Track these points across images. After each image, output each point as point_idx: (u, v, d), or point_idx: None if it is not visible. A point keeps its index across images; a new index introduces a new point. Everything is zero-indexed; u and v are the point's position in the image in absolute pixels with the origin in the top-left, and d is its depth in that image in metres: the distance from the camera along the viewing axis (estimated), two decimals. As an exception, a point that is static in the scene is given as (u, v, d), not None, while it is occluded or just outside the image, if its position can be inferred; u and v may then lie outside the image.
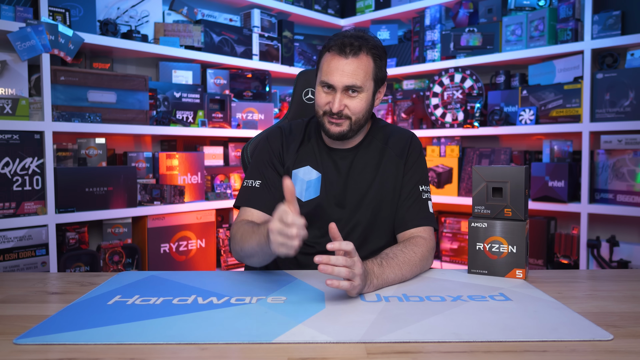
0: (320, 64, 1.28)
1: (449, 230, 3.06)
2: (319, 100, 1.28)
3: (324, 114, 1.28)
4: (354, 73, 1.23)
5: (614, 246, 2.42)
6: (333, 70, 1.23)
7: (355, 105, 1.26)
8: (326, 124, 1.28)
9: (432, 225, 1.33)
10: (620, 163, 2.41)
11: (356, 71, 1.23)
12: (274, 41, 3.09)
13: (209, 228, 2.70)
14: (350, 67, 1.23)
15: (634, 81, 2.34)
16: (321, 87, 1.27)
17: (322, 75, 1.26)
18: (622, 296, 1.08)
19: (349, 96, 1.25)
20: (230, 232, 1.29)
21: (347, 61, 1.23)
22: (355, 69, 1.23)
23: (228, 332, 0.86)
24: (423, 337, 0.84)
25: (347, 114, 1.26)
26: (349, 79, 1.23)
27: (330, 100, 1.25)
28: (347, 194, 1.34)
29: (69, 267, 2.23)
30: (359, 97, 1.26)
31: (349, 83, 1.23)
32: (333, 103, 1.24)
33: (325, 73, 1.25)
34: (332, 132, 1.28)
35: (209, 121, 2.76)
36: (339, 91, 1.24)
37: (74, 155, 2.31)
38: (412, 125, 3.20)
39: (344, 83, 1.23)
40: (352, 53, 1.23)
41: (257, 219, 1.29)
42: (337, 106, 1.24)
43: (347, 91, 1.24)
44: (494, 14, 2.84)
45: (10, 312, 0.99)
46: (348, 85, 1.23)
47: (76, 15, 2.28)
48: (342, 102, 1.24)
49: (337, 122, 1.27)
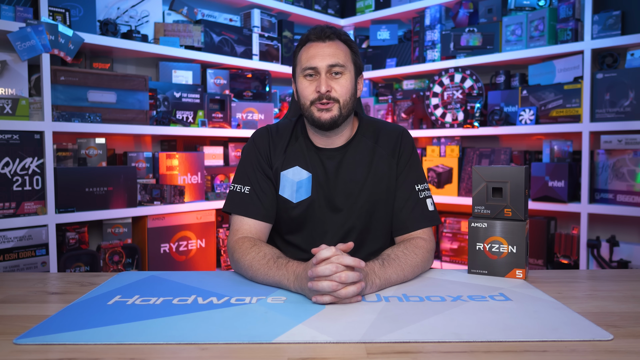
0: (298, 58, 1.30)
1: (449, 230, 3.06)
2: (304, 91, 1.27)
3: (312, 103, 1.26)
4: (334, 54, 1.26)
5: (614, 246, 2.42)
6: (314, 55, 1.25)
7: (341, 86, 1.26)
8: (315, 113, 1.26)
9: (432, 225, 1.32)
10: (620, 163, 2.41)
11: (336, 52, 1.26)
12: (274, 41, 3.09)
13: (209, 228, 2.70)
14: (329, 49, 1.26)
15: (634, 81, 2.34)
16: (303, 76, 1.28)
17: (302, 64, 1.27)
18: (622, 296, 1.08)
19: (333, 78, 1.26)
20: (229, 245, 1.27)
21: (325, 44, 1.26)
22: (335, 50, 1.26)
23: (228, 332, 0.86)
24: (423, 337, 0.84)
25: (334, 96, 1.25)
26: (331, 58, 1.25)
27: (316, 85, 1.25)
28: (338, 195, 1.31)
29: (69, 267, 2.23)
30: (343, 78, 1.27)
31: (332, 62, 1.24)
32: (320, 86, 1.24)
33: (305, 60, 1.26)
34: (323, 119, 1.25)
35: (209, 121, 2.76)
36: (323, 73, 1.25)
37: (74, 155, 2.31)
38: (412, 125, 3.20)
39: (327, 62, 1.24)
40: (328, 38, 1.27)
41: (253, 230, 1.29)
42: (325, 86, 1.24)
43: (330, 73, 1.25)
44: (494, 14, 2.85)
45: (10, 312, 0.99)
46: (331, 64, 1.24)
47: (76, 15, 2.28)
48: (328, 83, 1.25)
49: (327, 107, 1.25)
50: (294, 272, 1.07)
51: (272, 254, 1.16)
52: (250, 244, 1.21)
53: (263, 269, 1.13)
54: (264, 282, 1.14)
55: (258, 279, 1.15)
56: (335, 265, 0.97)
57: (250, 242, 1.23)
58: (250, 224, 1.29)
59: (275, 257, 1.14)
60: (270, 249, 1.19)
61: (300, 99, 1.30)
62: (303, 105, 1.29)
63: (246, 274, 1.19)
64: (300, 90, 1.29)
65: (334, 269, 0.97)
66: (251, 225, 1.29)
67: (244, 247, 1.21)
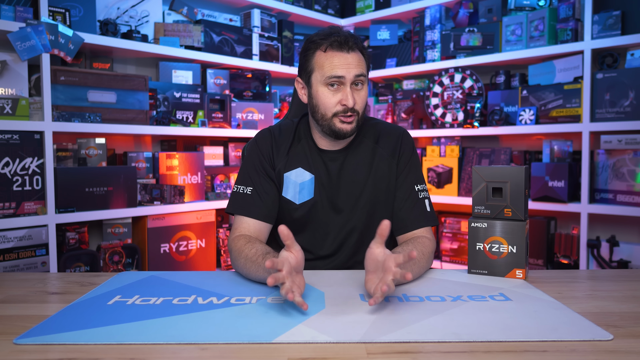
0: (318, 64, 1.25)
1: (449, 230, 3.06)
2: (327, 101, 1.25)
3: (334, 115, 1.25)
4: (358, 64, 1.24)
5: (614, 246, 2.42)
6: (339, 65, 1.23)
7: (362, 98, 1.26)
8: (337, 124, 1.25)
9: (432, 224, 1.33)
10: (620, 163, 2.41)
11: (359, 63, 1.25)
12: (274, 41, 3.09)
13: (209, 228, 2.70)
14: (354, 59, 1.24)
15: (634, 81, 2.34)
16: (326, 85, 1.25)
17: (326, 72, 1.23)
18: (622, 296, 1.08)
19: (355, 89, 1.25)
20: (229, 244, 1.28)
21: (349, 55, 1.24)
22: (358, 61, 1.25)
23: (228, 332, 0.86)
24: (423, 337, 0.83)
25: (357, 109, 1.26)
26: (356, 69, 1.23)
27: (342, 97, 1.24)
28: (340, 196, 1.32)
29: (69, 267, 2.23)
30: (363, 90, 1.27)
31: (357, 72, 1.23)
32: (347, 99, 1.23)
33: (330, 69, 1.23)
34: (344, 130, 1.25)
35: (209, 121, 2.76)
36: (348, 84, 1.23)
37: (74, 155, 2.31)
38: (412, 125, 3.20)
39: (353, 73, 1.23)
40: (351, 48, 1.24)
41: (252, 229, 1.29)
42: (352, 100, 1.23)
43: (354, 84, 1.25)
44: (494, 14, 2.85)
45: (10, 312, 0.99)
46: (357, 74, 1.23)
47: (76, 15, 2.28)
48: (353, 95, 1.24)
49: (350, 119, 1.25)
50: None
51: (263, 251, 1.16)
52: (245, 241, 1.22)
53: (255, 266, 1.14)
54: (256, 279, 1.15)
55: (251, 275, 1.16)
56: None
57: (245, 239, 1.24)
58: (250, 223, 1.30)
59: (264, 254, 1.14)
60: (262, 246, 1.20)
61: (319, 108, 1.27)
62: (323, 115, 1.26)
63: (242, 270, 1.20)
64: (321, 100, 1.26)
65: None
66: (250, 225, 1.30)
67: (240, 244, 1.22)
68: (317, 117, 1.28)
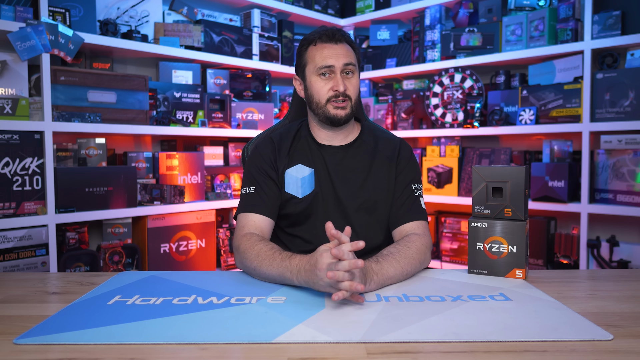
0: (310, 57, 1.35)
1: (449, 230, 3.05)
2: (320, 89, 1.33)
3: (328, 101, 1.32)
4: (347, 54, 1.33)
5: (614, 246, 2.42)
6: (329, 55, 1.32)
7: (353, 85, 1.34)
8: (332, 111, 1.32)
9: (424, 219, 1.35)
10: (620, 163, 2.41)
11: (348, 53, 1.34)
12: (274, 41, 3.09)
13: (209, 228, 2.70)
14: (342, 49, 1.33)
15: (634, 81, 2.34)
16: (318, 75, 1.33)
17: (317, 63, 1.32)
18: (622, 296, 1.08)
19: (346, 78, 1.33)
20: (235, 241, 1.29)
21: (338, 45, 1.33)
22: (347, 51, 1.34)
23: (228, 332, 0.86)
24: (423, 337, 0.84)
25: (348, 94, 1.33)
26: (345, 58, 1.32)
27: (333, 84, 1.32)
28: (338, 191, 1.36)
29: (69, 267, 2.23)
30: (354, 77, 1.35)
31: (346, 61, 1.32)
32: (338, 85, 1.31)
33: (320, 59, 1.32)
34: (339, 116, 1.32)
35: (209, 121, 2.76)
36: (339, 72, 1.32)
37: (74, 155, 2.31)
38: (412, 125, 3.20)
39: (342, 62, 1.32)
40: (339, 40, 1.34)
41: (257, 225, 1.31)
42: (343, 86, 1.30)
43: (344, 72, 1.33)
44: (494, 14, 2.84)
45: (10, 312, 0.99)
46: (346, 63, 1.32)
47: (76, 15, 2.28)
48: (344, 81, 1.32)
49: (343, 104, 1.32)
50: (297, 265, 1.09)
51: (278, 248, 1.20)
52: (258, 238, 1.25)
53: (268, 260, 1.15)
54: (268, 274, 1.15)
55: (262, 269, 1.16)
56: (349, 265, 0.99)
57: (257, 237, 1.26)
58: (255, 220, 1.31)
59: (280, 250, 1.17)
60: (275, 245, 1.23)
61: (313, 97, 1.35)
62: (318, 103, 1.34)
63: (251, 264, 1.20)
64: (315, 89, 1.34)
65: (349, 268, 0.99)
66: (256, 222, 1.31)
67: (252, 240, 1.24)
68: (313, 106, 1.36)
